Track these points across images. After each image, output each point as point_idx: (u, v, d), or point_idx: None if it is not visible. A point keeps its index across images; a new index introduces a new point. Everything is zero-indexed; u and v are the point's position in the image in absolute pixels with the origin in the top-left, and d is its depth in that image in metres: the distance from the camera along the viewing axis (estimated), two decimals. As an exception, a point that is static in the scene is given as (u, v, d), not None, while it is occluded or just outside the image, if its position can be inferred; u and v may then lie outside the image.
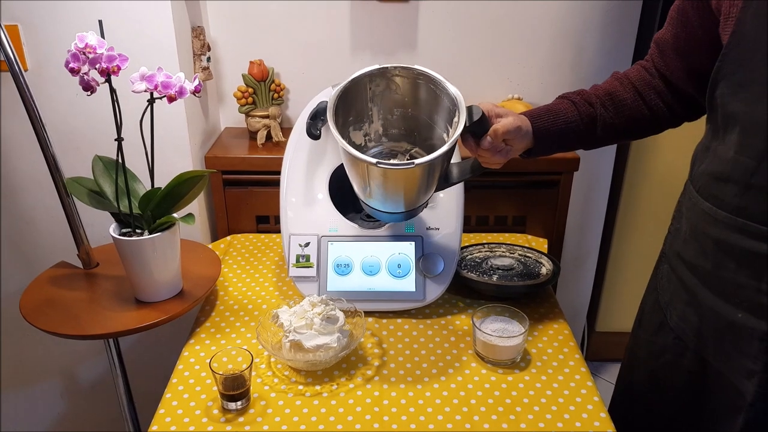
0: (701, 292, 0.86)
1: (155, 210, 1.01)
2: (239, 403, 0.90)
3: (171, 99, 0.93)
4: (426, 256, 1.10)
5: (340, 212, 1.14)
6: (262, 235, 1.41)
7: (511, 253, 1.26)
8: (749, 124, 0.75)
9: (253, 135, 1.48)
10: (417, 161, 0.86)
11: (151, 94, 0.93)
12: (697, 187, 0.86)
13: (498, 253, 1.26)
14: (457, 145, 0.96)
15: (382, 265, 1.11)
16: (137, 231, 1.02)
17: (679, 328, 0.92)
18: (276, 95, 1.48)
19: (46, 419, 1.63)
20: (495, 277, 1.16)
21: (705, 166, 0.85)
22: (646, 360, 1.00)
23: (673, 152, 1.71)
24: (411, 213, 1.03)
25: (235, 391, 0.89)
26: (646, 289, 1.04)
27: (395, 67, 0.93)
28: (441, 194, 1.14)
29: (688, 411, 0.94)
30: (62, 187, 1.08)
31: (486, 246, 1.28)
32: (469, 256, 1.24)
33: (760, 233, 0.75)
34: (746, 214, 0.76)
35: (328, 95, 1.15)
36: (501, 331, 1.00)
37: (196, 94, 0.97)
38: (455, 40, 1.48)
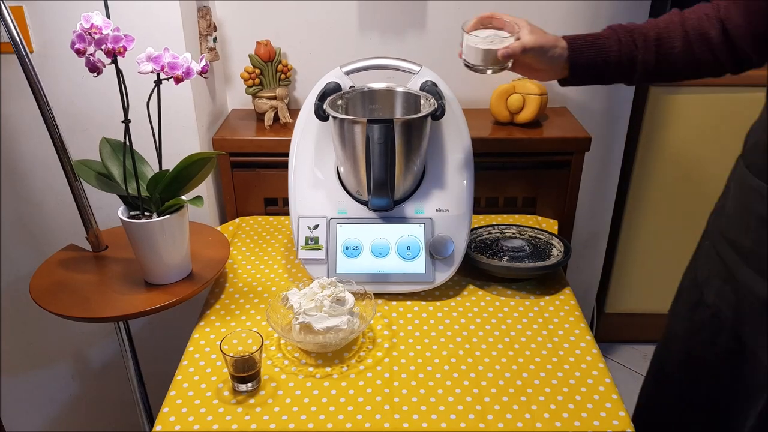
0: (740, 269, 0.84)
1: (163, 192, 1.01)
2: (250, 384, 0.90)
3: (178, 80, 0.92)
4: (435, 238, 1.10)
5: (348, 194, 1.14)
6: (271, 218, 1.41)
7: (521, 235, 1.25)
8: None
9: (260, 116, 1.47)
10: None
11: (158, 75, 0.92)
12: (747, 164, 0.84)
13: (508, 235, 1.25)
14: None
15: (392, 247, 1.10)
16: (146, 213, 1.02)
17: (715, 305, 0.90)
18: (283, 76, 1.46)
19: (58, 401, 1.65)
20: (505, 259, 1.15)
21: (758, 138, 0.82)
22: (683, 337, 0.99)
23: (685, 132, 1.69)
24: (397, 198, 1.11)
25: (245, 372, 0.89)
26: (687, 266, 1.03)
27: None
28: (450, 176, 1.13)
29: (723, 389, 0.93)
30: (70, 170, 1.07)
31: (496, 227, 1.27)
32: (479, 238, 1.24)
33: None
34: None
35: (336, 75, 1.14)
36: (492, 36, 0.97)
37: (203, 75, 0.96)
38: (465, 18, 1.45)
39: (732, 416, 0.93)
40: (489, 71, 0.98)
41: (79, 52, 0.88)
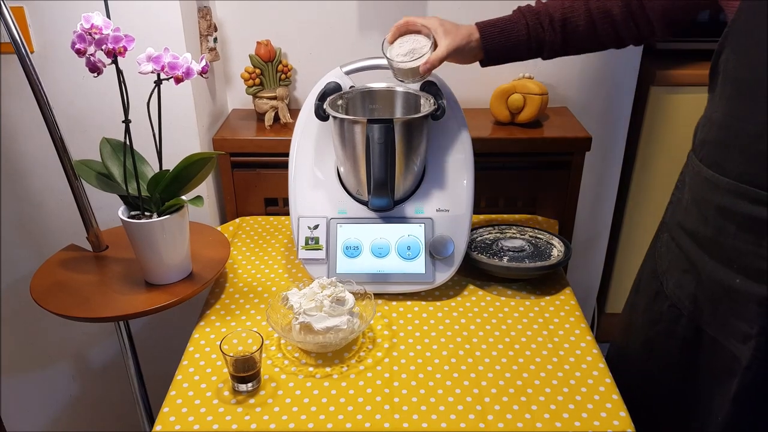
0: (700, 259, 0.87)
1: (164, 192, 1.01)
2: (250, 384, 0.90)
3: (178, 80, 0.92)
4: (436, 238, 1.10)
5: (348, 194, 1.14)
6: (271, 218, 1.41)
7: (521, 235, 1.25)
8: (755, 90, 0.75)
9: (260, 117, 1.47)
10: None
11: (158, 75, 0.92)
12: (700, 157, 0.87)
13: (508, 235, 1.25)
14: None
15: (392, 247, 1.10)
16: (146, 213, 1.02)
17: (674, 295, 0.93)
18: (283, 76, 1.46)
19: (59, 401, 1.65)
20: (505, 259, 1.15)
21: (707, 134, 0.85)
22: (642, 327, 1.02)
23: (686, 132, 1.68)
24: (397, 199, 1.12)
25: (245, 372, 0.89)
26: (644, 257, 1.05)
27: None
28: (450, 176, 1.13)
29: (682, 377, 0.95)
30: (70, 170, 1.07)
31: (496, 227, 1.27)
32: (479, 238, 1.24)
33: (760, 198, 0.76)
34: (748, 180, 0.77)
35: (336, 75, 1.14)
36: (411, 53, 1.02)
37: (203, 75, 0.96)
38: (465, 19, 1.45)
39: (694, 403, 0.95)
40: (413, 82, 1.06)
41: (80, 53, 0.88)
